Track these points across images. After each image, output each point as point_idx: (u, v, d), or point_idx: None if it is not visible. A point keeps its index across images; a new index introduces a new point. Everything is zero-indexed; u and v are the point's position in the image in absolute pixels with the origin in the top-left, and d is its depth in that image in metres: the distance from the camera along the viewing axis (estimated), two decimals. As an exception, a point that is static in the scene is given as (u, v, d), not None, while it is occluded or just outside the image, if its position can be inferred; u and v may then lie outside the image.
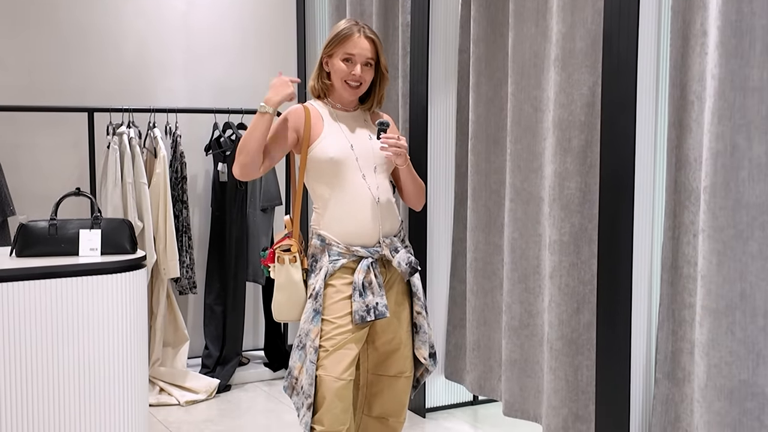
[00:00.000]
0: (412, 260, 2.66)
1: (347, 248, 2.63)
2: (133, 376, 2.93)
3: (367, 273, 2.61)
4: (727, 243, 2.38)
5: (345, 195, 2.65)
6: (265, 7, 4.91)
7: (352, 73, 2.67)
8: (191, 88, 4.73)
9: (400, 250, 2.67)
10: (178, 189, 4.36)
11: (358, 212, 2.65)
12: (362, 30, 2.69)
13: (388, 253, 2.65)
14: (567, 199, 3.03)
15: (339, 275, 2.63)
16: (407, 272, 2.66)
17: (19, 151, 4.28)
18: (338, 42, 2.69)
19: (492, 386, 3.59)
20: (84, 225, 2.97)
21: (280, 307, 2.69)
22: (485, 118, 3.50)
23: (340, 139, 2.66)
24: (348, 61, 2.67)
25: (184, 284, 4.42)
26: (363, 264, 2.62)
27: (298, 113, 2.71)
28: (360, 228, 2.65)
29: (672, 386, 2.69)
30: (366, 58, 2.68)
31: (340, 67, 2.68)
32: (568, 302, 3.05)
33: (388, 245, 2.66)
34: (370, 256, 2.64)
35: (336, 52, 2.69)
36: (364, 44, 2.68)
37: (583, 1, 2.95)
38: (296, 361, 2.63)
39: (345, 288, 2.62)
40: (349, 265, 2.63)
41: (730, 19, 2.35)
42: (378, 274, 2.64)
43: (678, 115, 2.62)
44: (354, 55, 2.67)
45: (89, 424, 2.84)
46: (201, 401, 4.15)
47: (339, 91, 2.72)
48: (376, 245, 2.66)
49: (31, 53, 4.32)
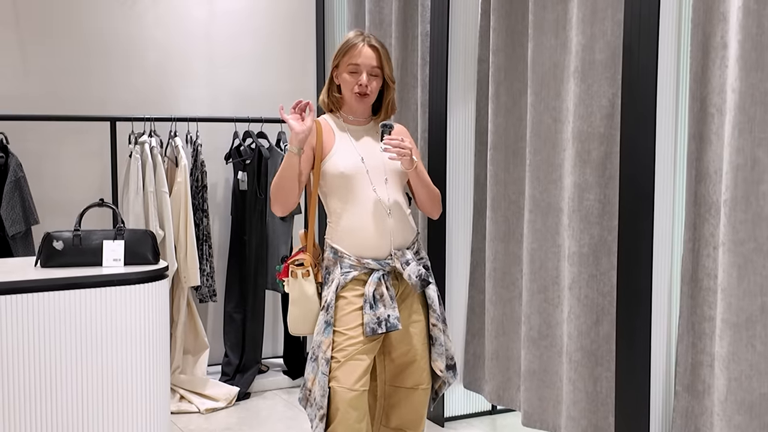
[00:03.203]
0: (423, 273, 2.66)
1: (358, 260, 2.64)
2: (156, 385, 2.96)
3: (378, 285, 2.62)
4: (748, 256, 2.38)
5: (356, 208, 2.66)
6: (285, 16, 4.95)
7: (359, 83, 2.69)
8: (212, 97, 4.77)
9: (411, 262, 2.66)
10: (198, 198, 4.40)
11: (368, 225, 2.66)
12: (366, 39, 2.71)
13: (399, 266, 2.66)
14: (586, 210, 3.03)
15: (351, 287, 2.64)
16: (417, 285, 2.66)
17: (42, 160, 4.33)
18: (343, 53, 2.72)
19: (511, 396, 3.60)
20: (107, 236, 3.00)
21: (295, 320, 2.72)
22: (504, 128, 3.51)
23: (350, 153, 2.68)
24: (353, 72, 2.69)
25: (204, 292, 4.46)
26: (374, 276, 2.63)
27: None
28: (371, 241, 2.66)
29: (692, 399, 2.68)
30: (371, 66, 2.70)
31: (347, 78, 2.71)
32: (587, 314, 3.05)
33: (399, 258, 2.66)
34: (381, 268, 2.65)
35: (342, 63, 2.72)
36: (367, 53, 2.70)
37: (603, 13, 2.95)
38: (309, 373, 2.66)
39: (356, 300, 2.63)
40: (360, 277, 2.65)
41: (751, 33, 2.35)
42: (390, 287, 2.65)
43: (698, 127, 2.62)
44: (358, 64, 2.69)
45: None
46: (221, 409, 4.18)
47: (350, 102, 2.74)
48: (387, 258, 2.67)
49: (54, 63, 4.38)
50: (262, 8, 4.89)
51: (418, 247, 2.78)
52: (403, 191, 2.77)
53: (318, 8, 4.95)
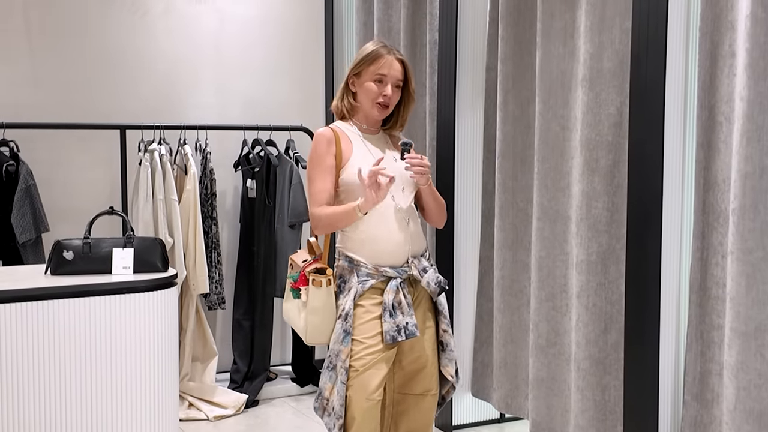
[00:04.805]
0: (441, 280, 2.68)
1: (376, 269, 2.65)
2: (165, 392, 2.97)
3: (396, 293, 2.62)
4: (756, 265, 2.37)
5: (375, 216, 2.67)
6: (294, 24, 4.97)
7: (384, 94, 2.70)
8: (221, 105, 4.79)
9: (428, 269, 2.69)
10: (207, 205, 4.42)
11: (389, 233, 2.67)
12: (392, 52, 2.72)
13: (417, 273, 2.67)
14: (594, 218, 3.03)
15: (368, 296, 2.64)
16: (436, 291, 2.68)
17: (53, 168, 4.36)
18: (369, 62, 2.71)
19: (519, 404, 3.59)
20: (117, 244, 3.02)
21: (315, 330, 2.67)
22: (512, 136, 3.52)
23: (369, 162, 2.68)
24: (380, 81, 2.70)
25: (213, 299, 4.47)
26: (392, 284, 2.63)
27: (329, 138, 2.72)
28: (390, 248, 2.67)
29: (700, 408, 2.68)
30: (397, 79, 2.72)
31: (371, 87, 2.70)
32: (595, 322, 3.05)
33: (416, 265, 2.68)
34: (399, 276, 2.65)
35: (365, 71, 2.71)
36: (396, 66, 2.71)
37: (610, 22, 2.96)
38: (326, 382, 2.65)
39: (374, 308, 2.63)
40: (377, 286, 2.65)
41: (759, 41, 2.35)
42: (407, 294, 2.65)
43: (706, 136, 2.61)
44: (386, 75, 2.69)
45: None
46: (229, 416, 4.18)
47: (367, 111, 2.75)
48: (404, 265, 2.68)
49: (65, 72, 4.41)
50: (271, 18, 4.91)
51: (428, 254, 2.80)
52: (413, 201, 2.79)
53: (327, 17, 4.97)
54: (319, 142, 2.72)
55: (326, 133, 2.73)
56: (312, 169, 2.72)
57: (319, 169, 2.70)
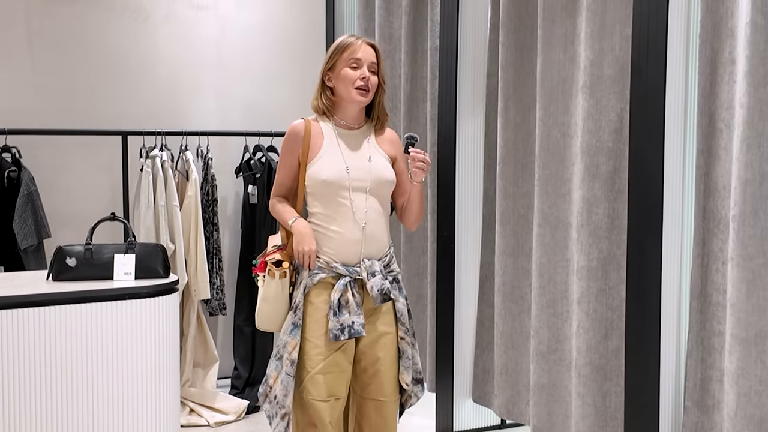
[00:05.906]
0: (386, 287, 2.68)
1: (327, 264, 2.68)
2: (166, 398, 2.97)
3: (344, 292, 2.66)
4: (757, 272, 2.38)
5: (332, 214, 2.70)
6: (295, 31, 4.98)
7: (362, 77, 2.72)
8: (223, 111, 4.80)
9: (377, 275, 2.68)
10: (209, 211, 4.42)
11: (342, 232, 2.70)
12: (361, 38, 2.77)
13: (365, 276, 2.68)
14: (595, 225, 3.03)
15: (319, 291, 2.68)
16: (378, 298, 2.68)
17: (55, 174, 4.37)
18: (341, 51, 2.75)
19: (520, 410, 3.59)
20: (119, 250, 3.03)
21: (265, 317, 2.74)
22: (513, 142, 3.52)
23: (336, 161, 2.71)
24: (355, 67, 2.72)
25: (214, 305, 4.47)
26: (340, 283, 2.66)
27: (297, 133, 2.77)
28: (342, 247, 2.70)
29: (701, 414, 2.68)
30: (371, 62, 2.75)
31: (347, 73, 2.73)
32: (596, 328, 3.05)
33: (367, 268, 2.69)
34: (349, 275, 2.67)
35: (339, 60, 2.75)
36: (368, 49, 2.76)
37: (611, 28, 2.97)
38: (273, 371, 2.70)
39: (324, 306, 2.67)
40: (328, 281, 2.69)
41: (759, 49, 2.35)
42: (356, 293, 2.68)
43: (706, 142, 2.62)
44: (360, 59, 2.73)
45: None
46: (230, 422, 4.18)
47: (346, 103, 2.77)
48: (356, 265, 2.70)
49: (66, 78, 4.42)
50: (272, 24, 4.93)
51: (389, 260, 2.80)
52: (384, 203, 2.80)
53: (328, 23, 4.98)
54: (288, 138, 2.79)
55: (297, 128, 2.77)
56: (279, 160, 2.83)
57: (282, 164, 2.80)
